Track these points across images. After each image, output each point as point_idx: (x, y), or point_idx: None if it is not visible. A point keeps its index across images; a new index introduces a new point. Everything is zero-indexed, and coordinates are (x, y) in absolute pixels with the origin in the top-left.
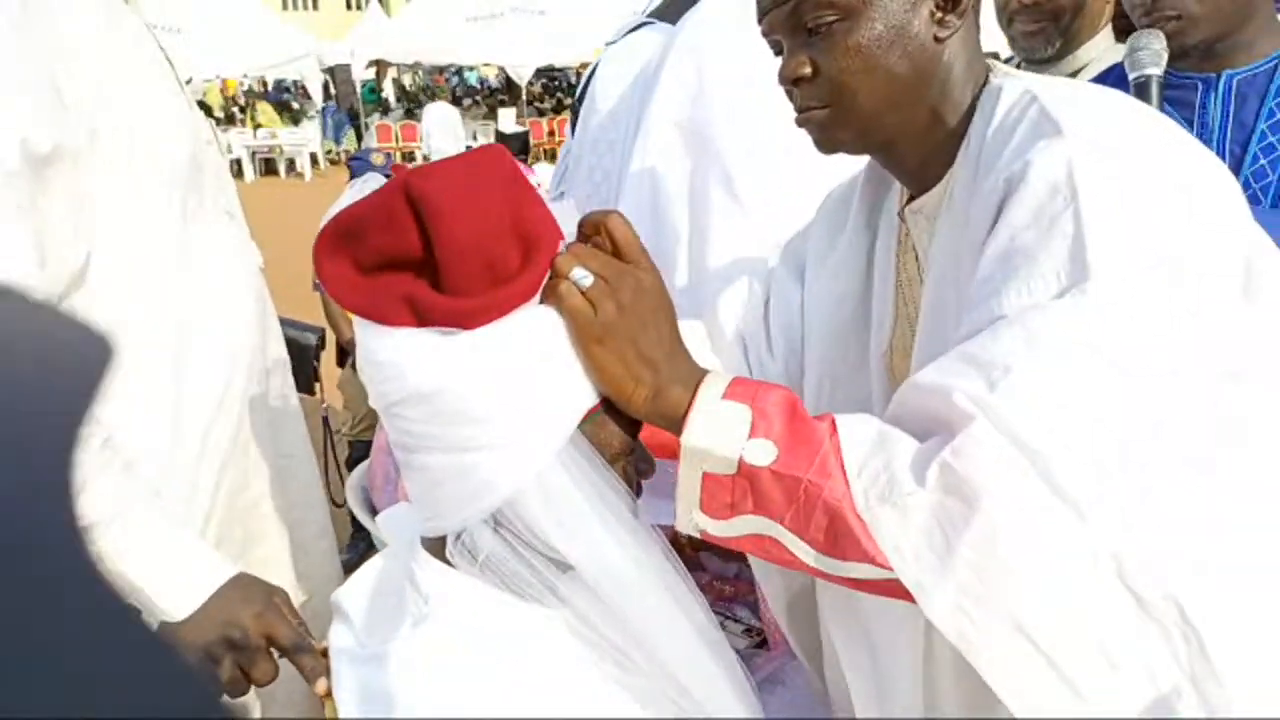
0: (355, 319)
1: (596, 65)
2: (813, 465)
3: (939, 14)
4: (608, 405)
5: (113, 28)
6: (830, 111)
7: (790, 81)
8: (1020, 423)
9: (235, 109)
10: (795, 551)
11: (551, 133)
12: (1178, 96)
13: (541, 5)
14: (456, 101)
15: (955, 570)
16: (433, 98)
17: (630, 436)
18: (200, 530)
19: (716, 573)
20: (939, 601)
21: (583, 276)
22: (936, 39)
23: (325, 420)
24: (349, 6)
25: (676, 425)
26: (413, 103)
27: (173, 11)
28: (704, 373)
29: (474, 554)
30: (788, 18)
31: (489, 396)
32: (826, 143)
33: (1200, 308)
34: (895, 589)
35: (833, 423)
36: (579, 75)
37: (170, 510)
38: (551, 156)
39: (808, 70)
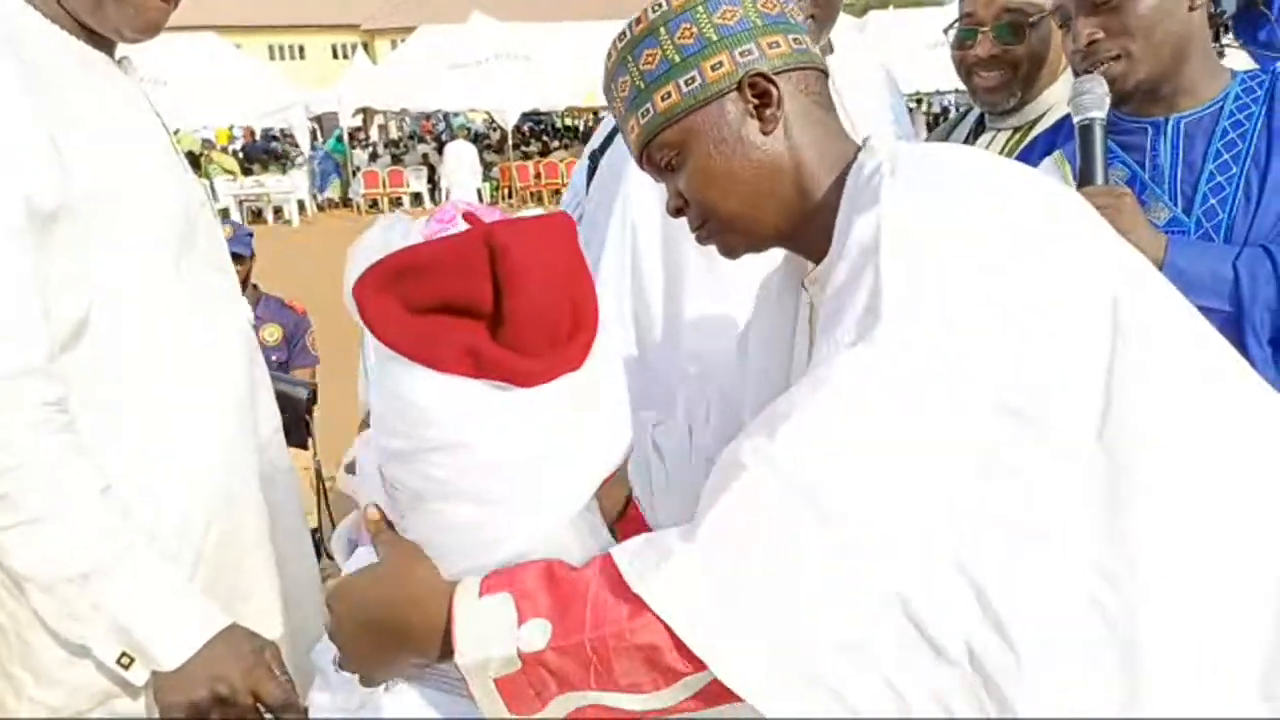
0: (381, 357)
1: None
2: (586, 620)
3: (757, 113)
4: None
5: (106, 91)
6: (710, 226)
7: (674, 213)
8: (793, 469)
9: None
10: (622, 706)
11: (538, 175)
12: (1128, 141)
13: (526, 50)
14: (443, 146)
15: (738, 623)
16: (420, 143)
17: (627, 501)
18: (189, 580)
19: None
20: (728, 659)
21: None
22: (764, 133)
23: (318, 472)
24: (335, 55)
25: (439, 660)
26: (400, 149)
27: (159, 64)
28: (440, 598)
29: None
30: (649, 165)
31: (528, 454)
32: (724, 251)
33: (987, 349)
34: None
35: (605, 557)
36: (563, 119)
37: (165, 558)
38: (538, 199)
39: (680, 202)
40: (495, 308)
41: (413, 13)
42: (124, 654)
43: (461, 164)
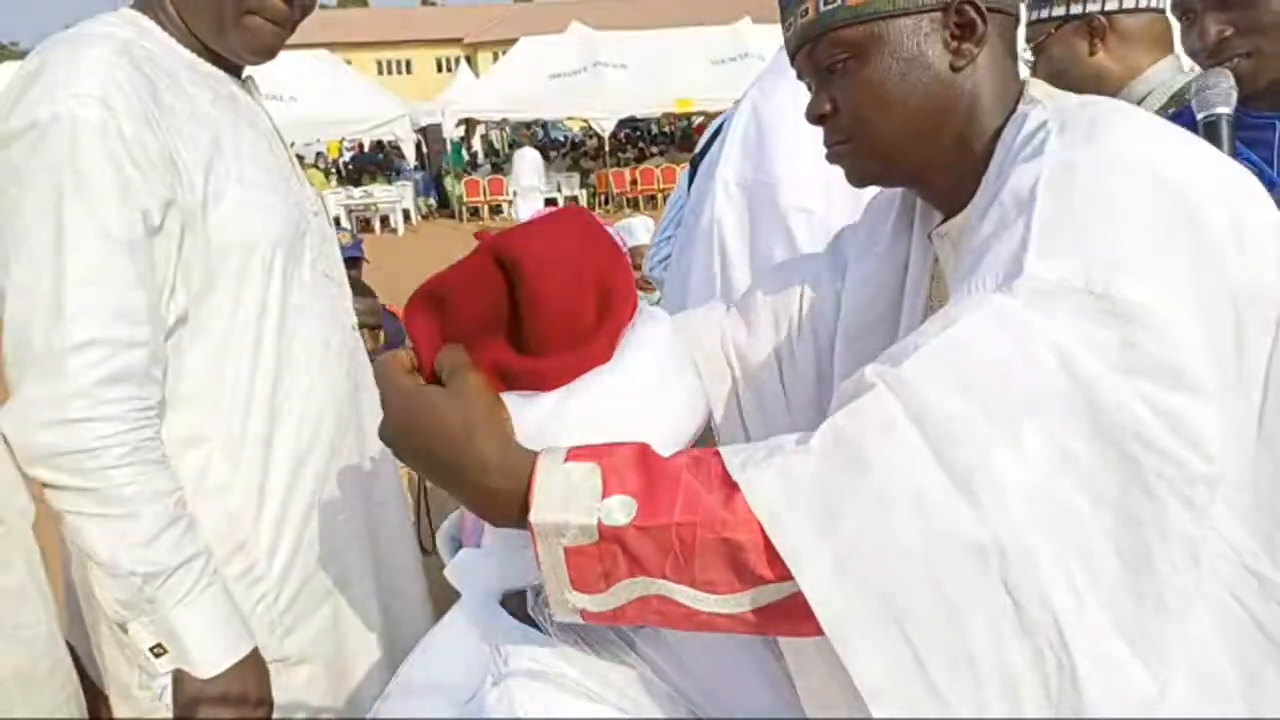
0: None
1: (723, 121)
2: (676, 505)
3: (954, 43)
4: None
5: (222, 106)
6: (852, 146)
7: (814, 120)
8: (919, 397)
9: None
10: (686, 602)
11: (634, 181)
12: (1254, 137)
13: (623, 59)
14: (543, 155)
15: (835, 539)
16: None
17: None
18: (283, 574)
19: None
20: (813, 572)
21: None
22: (954, 68)
23: None
24: (440, 69)
25: (515, 514)
26: (501, 159)
27: (279, 81)
28: (522, 455)
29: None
30: (808, 59)
31: None
32: (855, 176)
33: (1139, 324)
34: (806, 618)
35: (704, 449)
36: (659, 125)
37: (219, 572)
38: (634, 205)
39: (827, 108)
40: (513, 317)
41: (514, 25)
42: (159, 645)
43: (528, 171)
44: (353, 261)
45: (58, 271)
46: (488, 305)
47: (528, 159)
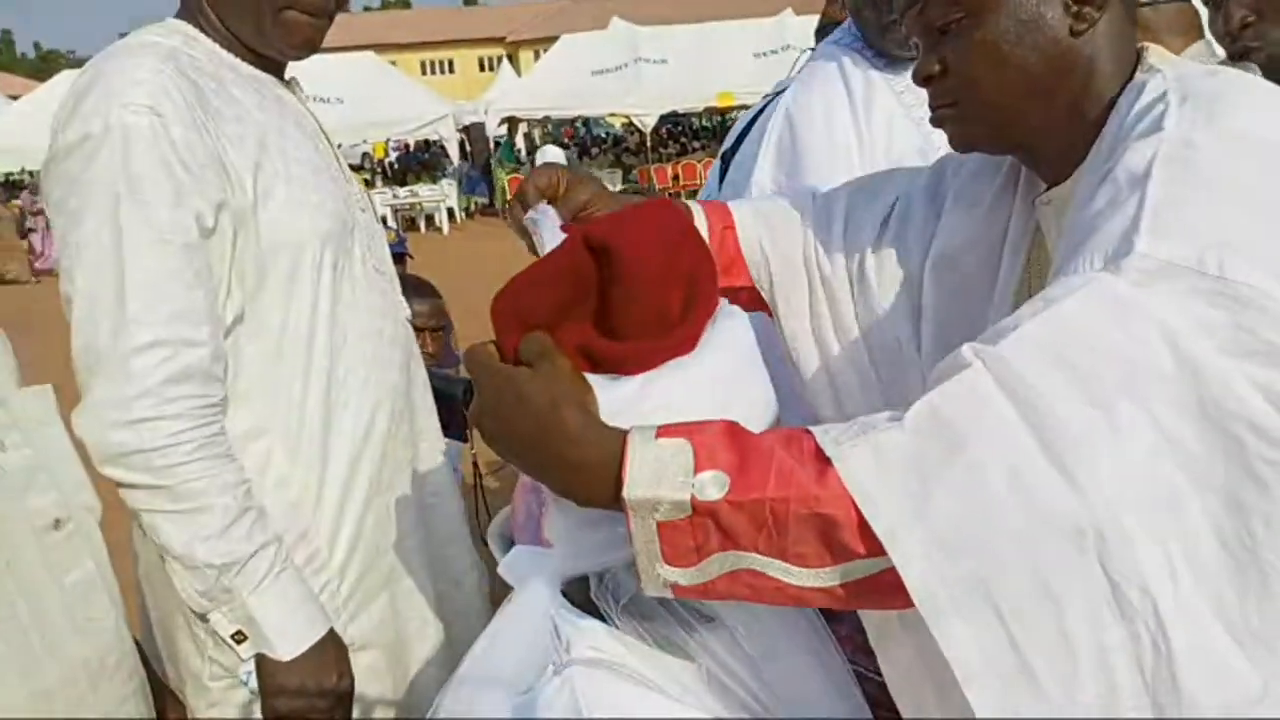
0: None
1: (753, 116)
2: (769, 480)
3: (1075, 6)
4: None
5: (267, 108)
6: (959, 109)
7: (921, 81)
8: (1018, 375)
9: (379, 171)
10: (778, 576)
11: (676, 176)
12: None
13: (663, 54)
14: (585, 151)
15: (930, 517)
16: (563, 149)
17: None
18: (344, 563)
19: (857, 625)
20: (907, 550)
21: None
22: (1073, 32)
23: (475, 463)
24: (482, 68)
25: (602, 503)
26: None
27: (325, 83)
28: (612, 432)
29: (617, 596)
30: (918, 18)
31: None
32: (959, 141)
33: (1247, 313)
34: (896, 593)
35: (796, 428)
36: (700, 120)
37: (291, 557)
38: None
39: (936, 69)
40: (600, 303)
41: (555, 23)
42: (239, 631)
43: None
44: (397, 258)
45: (118, 276)
46: (577, 290)
47: (549, 156)
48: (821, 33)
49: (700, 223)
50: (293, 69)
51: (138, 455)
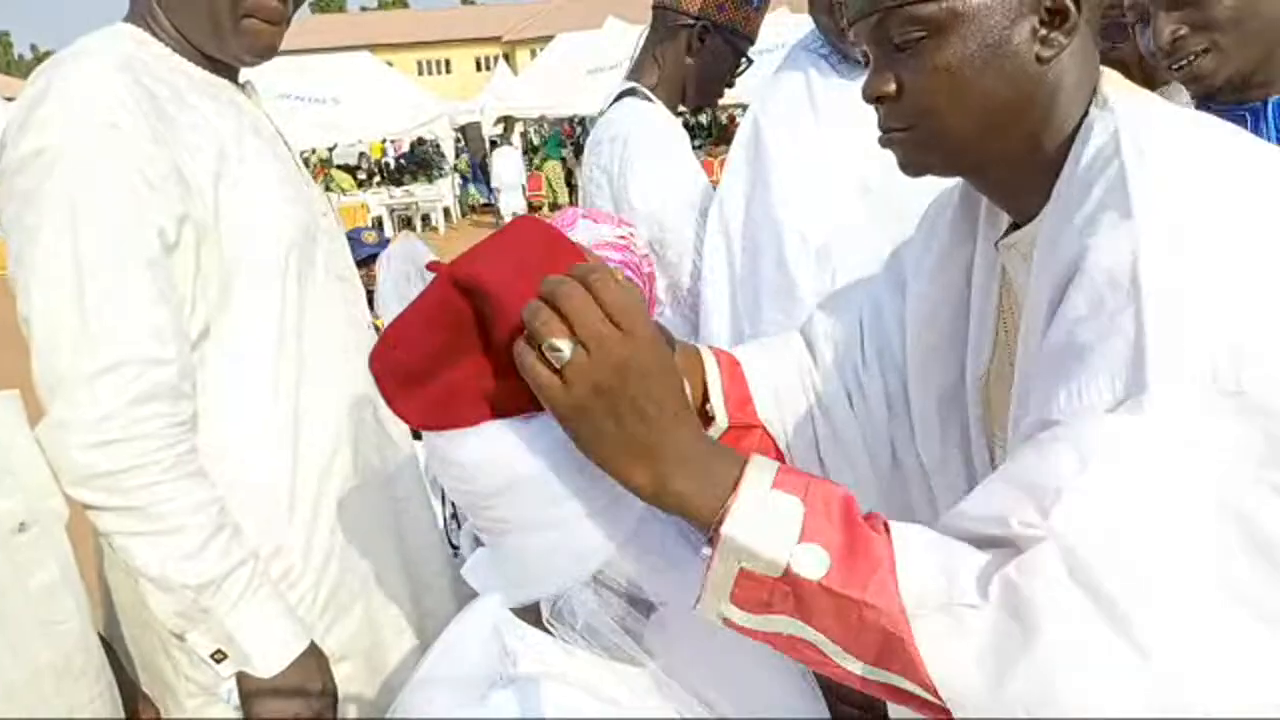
0: (426, 433)
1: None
2: (870, 585)
3: (1043, 30)
4: None
5: (224, 114)
6: (914, 133)
7: (872, 100)
8: (1076, 553)
9: (379, 171)
10: (831, 656)
11: None
12: None
13: None
14: (581, 149)
15: (1004, 701)
16: (560, 147)
17: None
18: (319, 574)
19: None
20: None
21: (559, 348)
22: (1039, 59)
23: None
24: (479, 67)
25: (689, 515)
26: (540, 156)
27: (328, 85)
28: (727, 456)
29: (573, 619)
30: (873, 30)
31: (579, 463)
32: (911, 165)
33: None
34: (934, 709)
35: (887, 530)
36: (694, 117)
37: (268, 572)
38: None
39: (891, 88)
40: (488, 339)
41: (552, 22)
42: (219, 650)
43: (509, 169)
44: (377, 259)
45: (79, 295)
46: (456, 331)
47: (507, 157)
48: None
49: (708, 361)
50: (294, 69)
51: (107, 477)
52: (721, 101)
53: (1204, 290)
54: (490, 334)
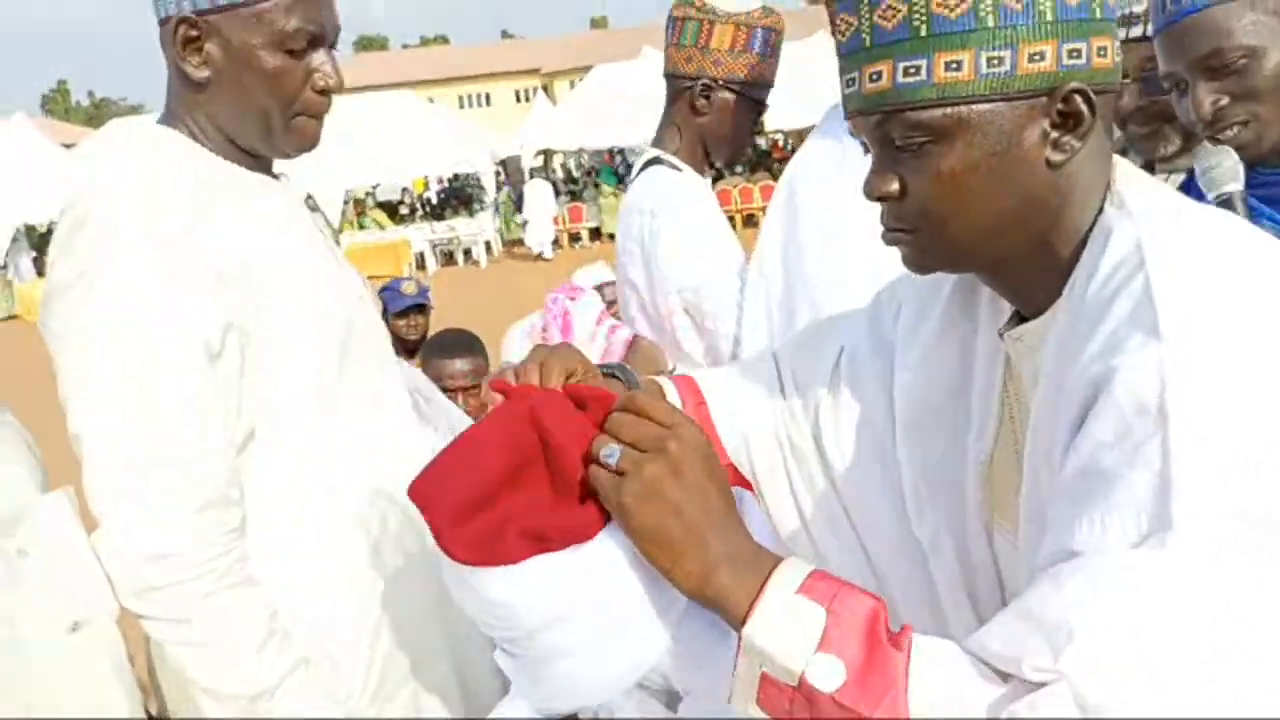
0: (458, 568)
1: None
2: (881, 704)
3: (1055, 134)
4: None
5: (267, 215)
6: (917, 236)
7: (874, 199)
8: (1088, 698)
9: (420, 206)
10: None
11: None
12: (1269, 195)
13: None
14: (622, 179)
15: None
16: (614, 175)
17: None
18: (367, 670)
19: None
20: None
21: (608, 453)
22: (1050, 164)
23: None
24: (518, 99)
25: (726, 612)
26: (580, 187)
27: (373, 123)
28: (767, 556)
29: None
30: (874, 129)
31: (621, 589)
32: (915, 265)
33: None
34: None
35: (910, 646)
36: None
37: (321, 678)
38: None
39: (894, 189)
40: (548, 473)
41: (590, 53)
42: None
43: (538, 200)
44: (419, 309)
45: (132, 412)
46: (523, 462)
47: (537, 190)
48: None
49: (672, 396)
50: (338, 109)
51: (162, 591)
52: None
53: (1233, 421)
54: (550, 468)
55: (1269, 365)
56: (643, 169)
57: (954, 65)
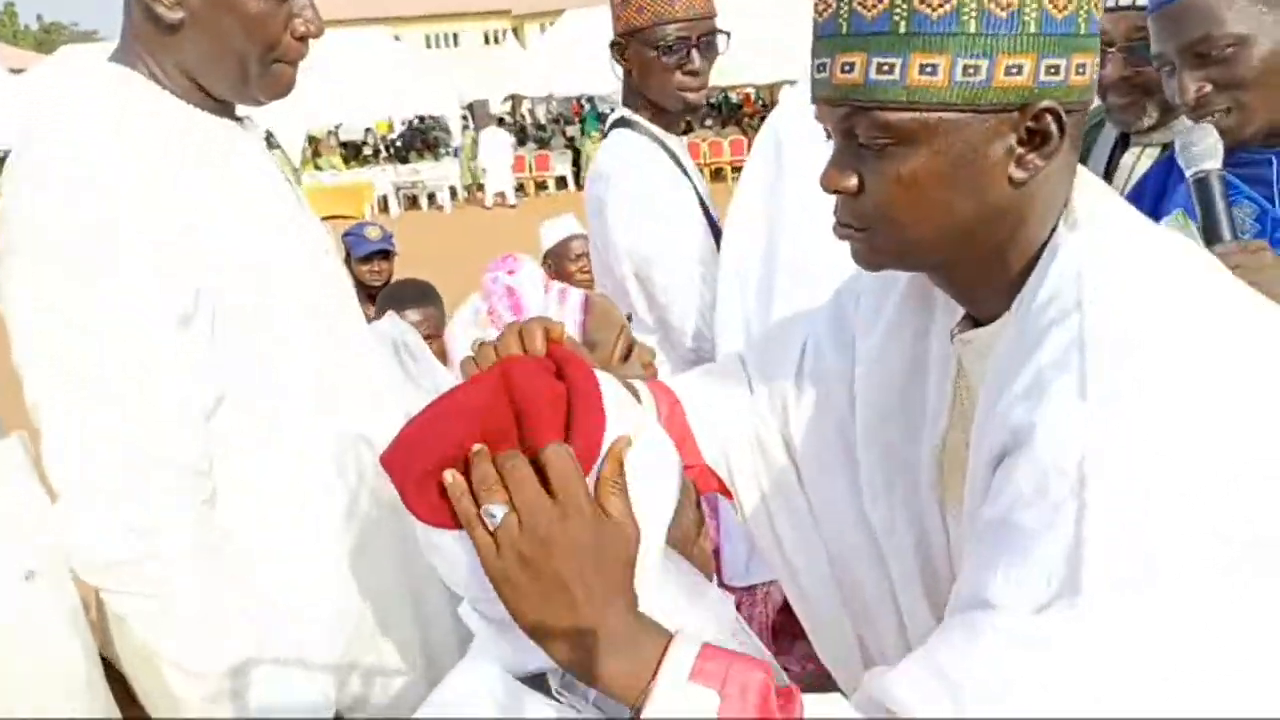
0: (425, 529)
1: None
2: None
3: (1020, 150)
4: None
5: (230, 162)
6: (869, 235)
7: (831, 191)
8: None
9: (384, 148)
10: None
11: None
12: (1251, 174)
13: None
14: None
15: None
16: (567, 126)
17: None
18: (333, 633)
19: (804, 654)
20: None
21: (493, 513)
22: (1012, 180)
23: None
24: (487, 41)
25: (616, 697)
26: (546, 133)
27: (328, 62)
28: (650, 639)
29: (586, 690)
30: (839, 120)
31: None
32: (865, 262)
33: (1208, 606)
34: None
35: (799, 715)
36: (706, 98)
37: (291, 645)
38: None
39: (852, 184)
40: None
41: None
42: None
43: (497, 151)
44: (383, 255)
45: (98, 379)
46: (490, 436)
47: (497, 139)
48: None
49: (646, 401)
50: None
51: (130, 565)
52: (730, 82)
53: (1151, 493)
54: (522, 442)
55: (1199, 431)
56: (610, 129)
57: (929, 69)
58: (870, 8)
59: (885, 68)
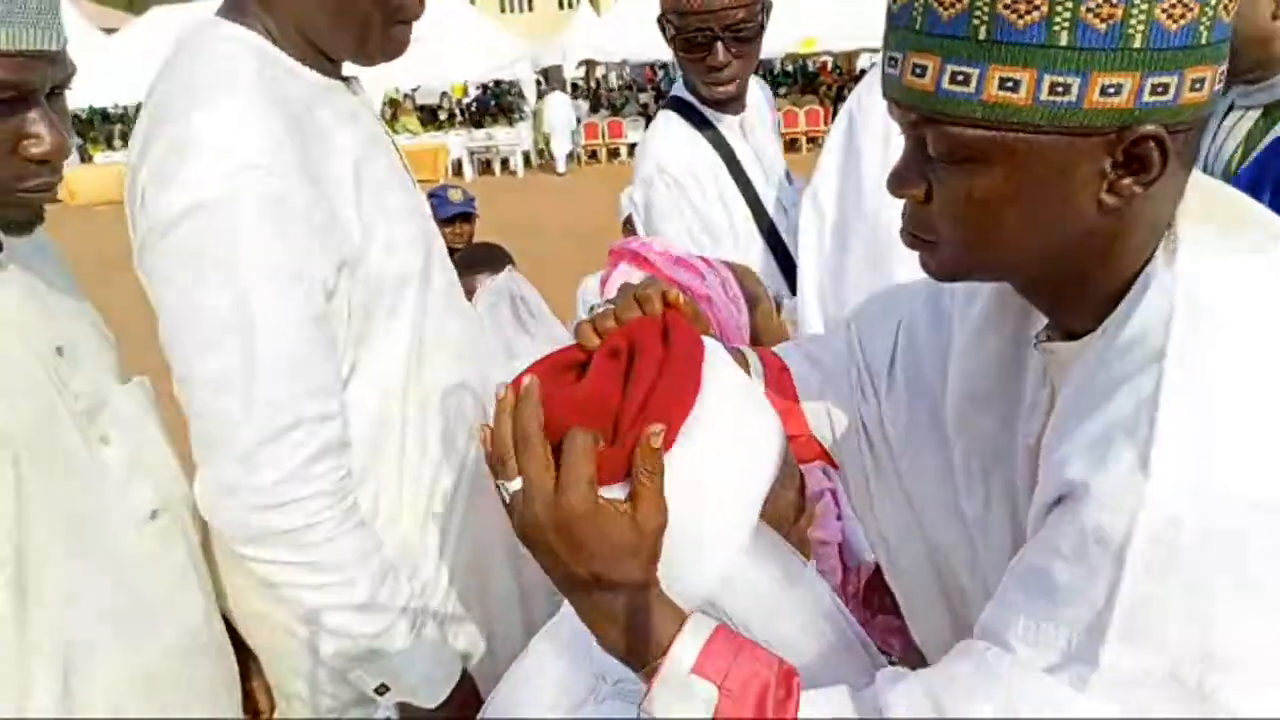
0: None
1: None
2: None
3: (1114, 174)
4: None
5: (347, 126)
6: (938, 249)
7: (897, 194)
8: None
9: (460, 112)
10: None
11: None
12: None
13: None
14: (660, 95)
15: None
16: (640, 93)
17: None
18: (447, 588)
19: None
20: None
21: (506, 486)
22: (1102, 206)
23: None
24: (561, 6)
25: (627, 665)
26: (621, 99)
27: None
28: (663, 617)
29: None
30: (909, 125)
31: (699, 506)
32: (937, 273)
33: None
34: None
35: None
36: (782, 65)
37: (427, 608)
38: None
39: (919, 193)
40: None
41: None
42: (382, 684)
43: (559, 116)
44: (465, 218)
45: (250, 358)
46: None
47: (558, 103)
48: None
49: (755, 370)
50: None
51: (284, 535)
52: (807, 51)
53: (1186, 589)
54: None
55: (1245, 540)
56: (659, 110)
57: (1010, 84)
58: (948, 6)
59: (960, 77)
